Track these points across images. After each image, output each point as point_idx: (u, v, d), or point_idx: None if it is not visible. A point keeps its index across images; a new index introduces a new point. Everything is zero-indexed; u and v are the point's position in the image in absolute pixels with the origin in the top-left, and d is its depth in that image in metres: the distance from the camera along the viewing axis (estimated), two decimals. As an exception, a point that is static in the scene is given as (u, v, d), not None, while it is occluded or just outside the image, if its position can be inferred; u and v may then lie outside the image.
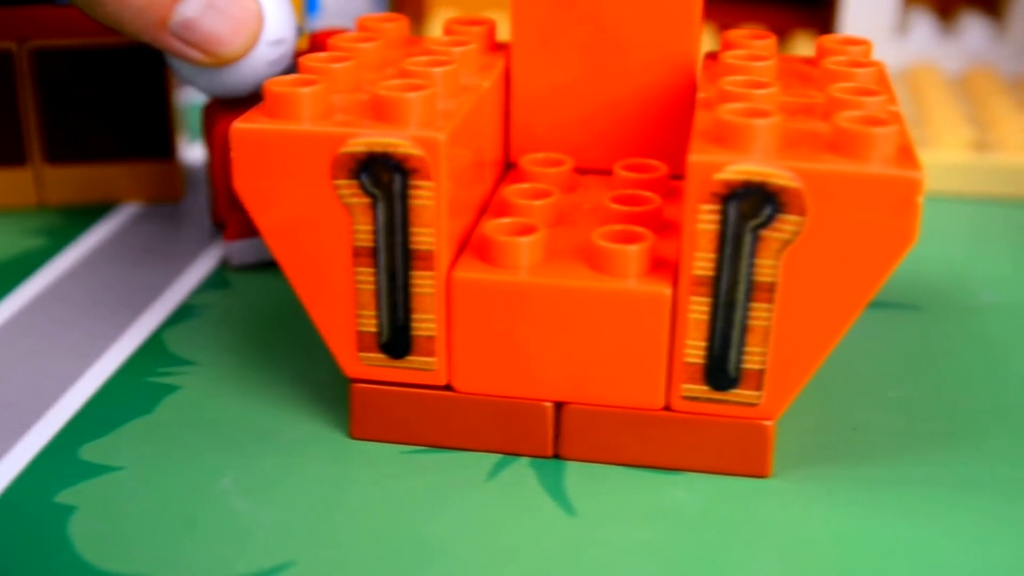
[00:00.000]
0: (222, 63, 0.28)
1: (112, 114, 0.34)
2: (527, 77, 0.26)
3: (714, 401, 0.22)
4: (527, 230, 0.23)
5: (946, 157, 0.36)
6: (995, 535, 0.22)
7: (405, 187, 0.22)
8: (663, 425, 0.23)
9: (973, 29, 0.44)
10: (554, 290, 0.22)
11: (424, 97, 0.22)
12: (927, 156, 0.37)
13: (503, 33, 0.31)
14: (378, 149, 0.22)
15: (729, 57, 0.25)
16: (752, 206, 0.21)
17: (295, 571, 0.20)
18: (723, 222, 0.21)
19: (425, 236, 0.22)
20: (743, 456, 0.23)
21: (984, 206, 0.37)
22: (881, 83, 0.25)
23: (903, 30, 0.44)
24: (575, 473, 0.23)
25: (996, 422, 0.25)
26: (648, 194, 0.24)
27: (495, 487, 0.23)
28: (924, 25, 0.44)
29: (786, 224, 0.21)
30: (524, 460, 0.23)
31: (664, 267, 0.22)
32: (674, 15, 0.25)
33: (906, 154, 0.21)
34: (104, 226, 0.34)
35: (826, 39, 0.26)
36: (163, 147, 0.35)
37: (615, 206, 0.24)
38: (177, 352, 0.27)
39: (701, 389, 0.22)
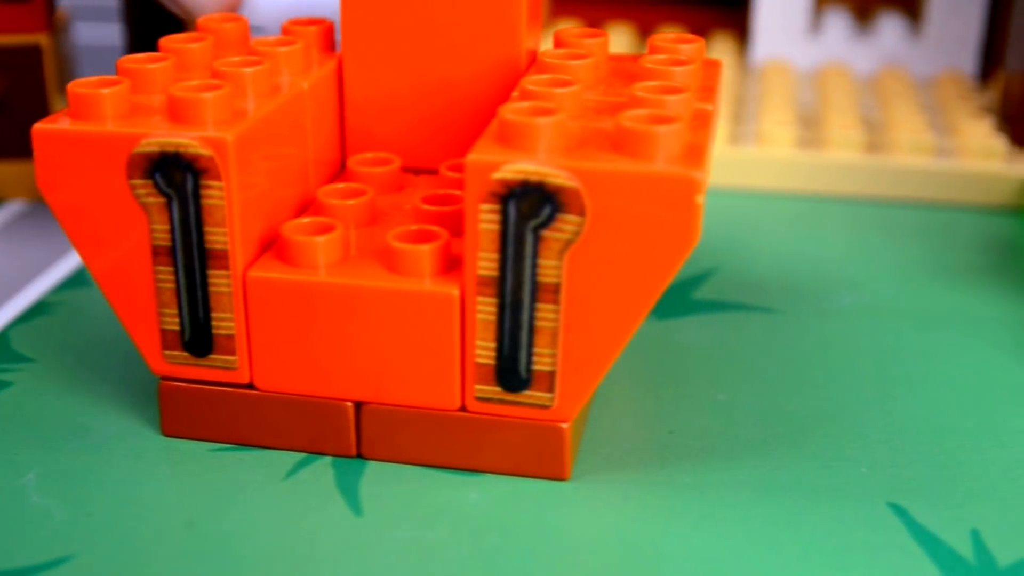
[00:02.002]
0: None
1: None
2: (358, 77, 0.26)
3: (507, 403, 0.22)
4: (327, 229, 0.23)
5: (835, 158, 0.36)
6: (785, 542, 0.21)
7: (197, 187, 0.22)
8: (459, 426, 0.23)
9: (889, 30, 0.43)
10: (347, 290, 0.22)
11: (219, 97, 0.22)
12: (816, 157, 0.36)
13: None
14: (170, 149, 0.22)
15: (548, 56, 0.25)
16: (531, 206, 0.21)
17: (75, 564, 0.21)
18: (503, 222, 0.21)
19: (219, 236, 0.22)
20: (539, 458, 0.23)
21: (872, 208, 0.36)
22: (701, 81, 0.25)
23: (817, 30, 0.44)
24: (374, 473, 0.23)
25: (816, 427, 0.25)
26: (459, 193, 0.24)
27: (290, 486, 0.23)
28: (840, 25, 0.44)
29: (566, 224, 0.21)
30: (327, 459, 0.23)
31: (458, 267, 0.22)
32: (499, 16, 0.25)
33: (692, 153, 0.21)
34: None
35: (657, 37, 0.26)
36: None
37: (425, 206, 0.24)
38: (19, 349, 0.27)
39: (494, 390, 0.22)
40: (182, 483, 0.23)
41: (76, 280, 0.31)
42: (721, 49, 0.45)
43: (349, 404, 0.23)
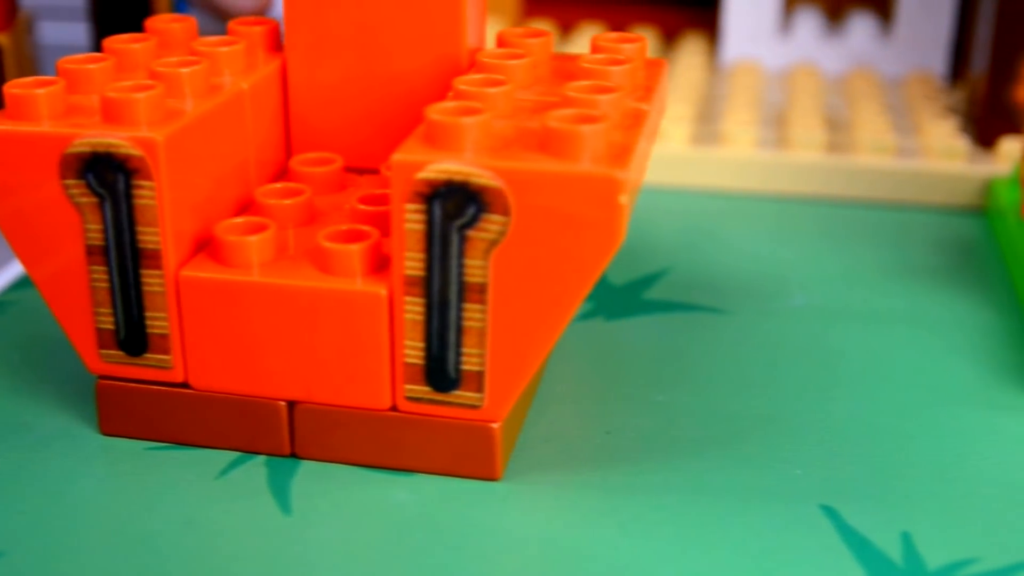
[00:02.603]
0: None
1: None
2: (302, 77, 0.26)
3: (437, 403, 0.22)
4: (260, 229, 0.23)
5: (797, 158, 0.36)
6: (711, 544, 0.21)
7: (129, 187, 0.22)
8: (391, 426, 0.23)
9: (859, 30, 0.43)
10: (277, 289, 0.22)
11: (151, 97, 0.22)
12: (778, 157, 0.36)
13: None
14: (101, 149, 0.22)
15: (485, 56, 0.25)
16: (456, 206, 0.21)
17: (3, 562, 0.21)
18: (429, 222, 0.21)
19: (151, 235, 0.22)
20: (470, 458, 0.23)
21: (834, 208, 0.36)
22: (642, 81, 0.25)
23: (788, 30, 0.44)
24: (307, 472, 0.23)
25: (754, 428, 0.25)
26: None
27: (222, 484, 0.23)
28: (810, 25, 0.43)
29: (491, 224, 0.21)
30: (261, 459, 0.23)
31: (388, 267, 0.22)
32: (440, 17, 0.25)
33: (617, 153, 0.21)
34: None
35: (600, 37, 0.26)
36: None
37: (360, 206, 0.24)
38: (-33, 348, 0.28)
39: (424, 390, 0.22)
40: (116, 482, 0.23)
41: (28, 280, 0.31)
42: (692, 49, 0.45)
43: (282, 404, 0.23)
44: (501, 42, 0.26)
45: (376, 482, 0.23)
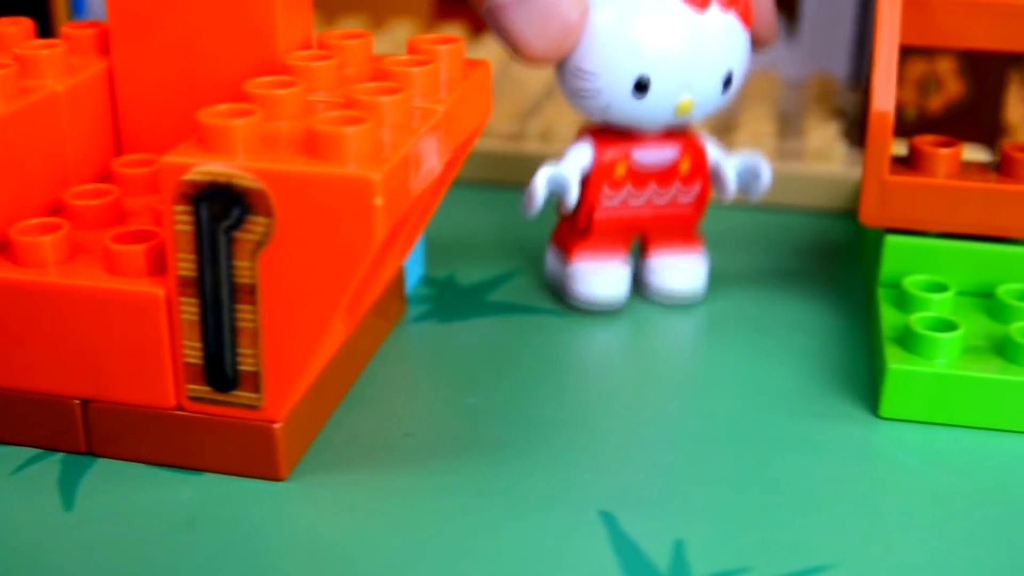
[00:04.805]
0: (528, 63, 0.27)
1: None
2: (129, 79, 0.26)
3: (219, 403, 0.22)
4: (54, 229, 0.23)
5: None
6: (479, 548, 0.21)
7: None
8: (176, 425, 0.23)
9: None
10: (63, 290, 0.22)
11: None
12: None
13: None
14: None
15: (291, 58, 0.25)
16: (222, 207, 0.21)
17: None
18: (197, 223, 0.21)
19: (-57, 234, 0.23)
20: (253, 458, 0.23)
21: (711, 211, 0.34)
22: (450, 82, 0.24)
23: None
24: (99, 470, 0.23)
25: (556, 432, 0.24)
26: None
27: (14, 481, 0.23)
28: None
29: (255, 226, 0.21)
30: (59, 456, 0.24)
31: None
32: (252, 19, 0.25)
33: (380, 154, 0.21)
34: None
35: (418, 38, 0.26)
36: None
37: (160, 206, 0.24)
38: None
39: (205, 390, 0.23)
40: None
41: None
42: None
43: (76, 402, 0.23)
44: (319, 44, 0.26)
45: (164, 480, 0.23)
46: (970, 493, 0.23)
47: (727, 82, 0.28)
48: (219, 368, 0.22)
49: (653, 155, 0.29)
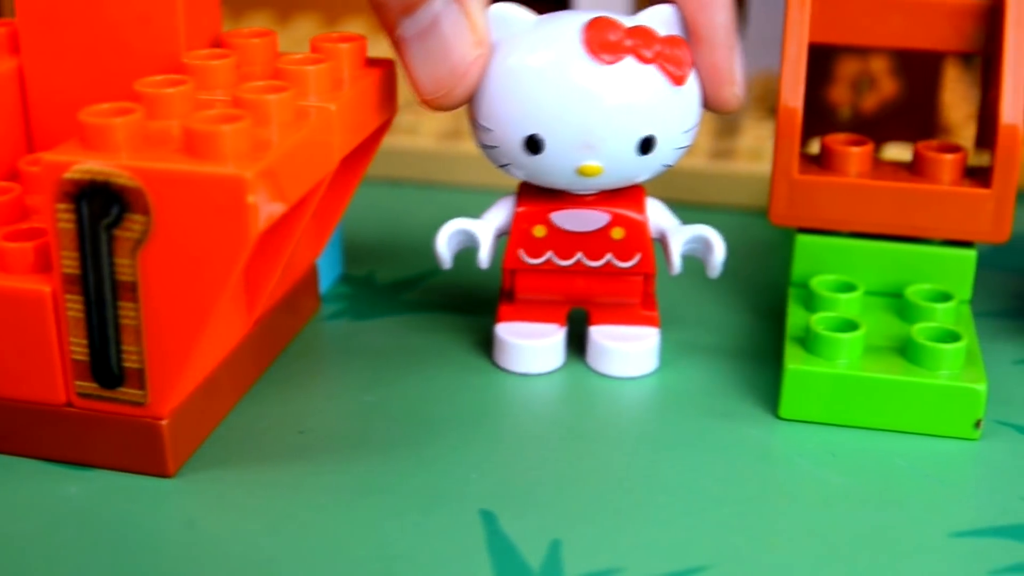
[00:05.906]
0: (424, 107, 0.25)
1: None
2: (39, 78, 0.26)
3: (106, 399, 0.23)
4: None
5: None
6: (352, 545, 0.21)
7: None
8: (65, 421, 0.23)
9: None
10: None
11: None
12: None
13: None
14: None
15: (189, 57, 0.25)
16: (101, 205, 0.21)
17: None
18: (79, 221, 0.21)
19: None
20: (141, 454, 0.23)
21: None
22: (349, 81, 0.24)
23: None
24: (-10, 465, 0.24)
25: (450, 430, 0.24)
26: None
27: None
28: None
29: (134, 223, 0.21)
30: (-46, 450, 0.24)
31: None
32: (155, 19, 0.25)
33: (256, 153, 0.21)
34: None
35: (320, 37, 0.26)
36: None
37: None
38: None
39: (92, 386, 0.23)
40: None
41: None
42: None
43: (-31, 397, 0.24)
44: (222, 43, 0.26)
45: (53, 476, 0.23)
46: (859, 495, 0.23)
47: (645, 146, 0.24)
48: (105, 365, 0.22)
49: (576, 219, 0.26)
